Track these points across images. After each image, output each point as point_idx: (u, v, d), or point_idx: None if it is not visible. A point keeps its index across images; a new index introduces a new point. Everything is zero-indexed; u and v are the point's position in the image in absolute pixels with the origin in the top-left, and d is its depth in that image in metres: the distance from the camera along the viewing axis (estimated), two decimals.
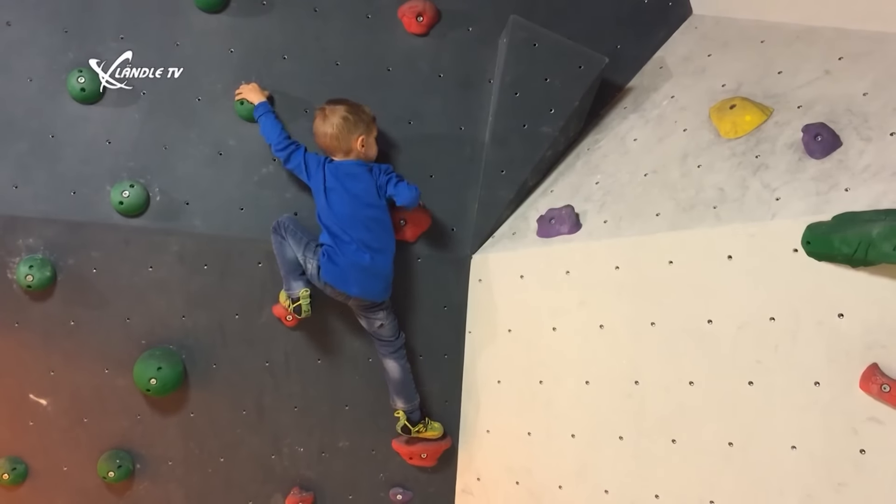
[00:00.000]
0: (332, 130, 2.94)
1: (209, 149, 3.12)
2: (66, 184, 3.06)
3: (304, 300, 2.99)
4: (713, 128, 2.73)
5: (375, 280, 2.95)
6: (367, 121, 3.00)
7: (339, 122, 2.94)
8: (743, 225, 2.38)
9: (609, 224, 2.80)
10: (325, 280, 2.92)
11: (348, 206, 2.92)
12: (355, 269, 2.91)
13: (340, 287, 2.92)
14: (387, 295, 3.04)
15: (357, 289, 2.93)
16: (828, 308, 2.19)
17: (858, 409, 2.13)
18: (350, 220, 2.91)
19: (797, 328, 2.26)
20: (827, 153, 2.32)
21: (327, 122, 2.95)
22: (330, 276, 2.91)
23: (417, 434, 3.21)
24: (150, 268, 3.12)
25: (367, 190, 2.96)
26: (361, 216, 2.93)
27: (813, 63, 2.63)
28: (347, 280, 2.91)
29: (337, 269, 2.90)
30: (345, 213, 2.91)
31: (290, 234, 2.99)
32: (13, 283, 3.06)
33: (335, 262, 2.90)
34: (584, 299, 2.84)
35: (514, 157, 3.13)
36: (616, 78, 3.29)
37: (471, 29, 3.23)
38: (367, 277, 2.93)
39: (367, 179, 2.97)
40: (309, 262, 2.94)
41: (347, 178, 2.94)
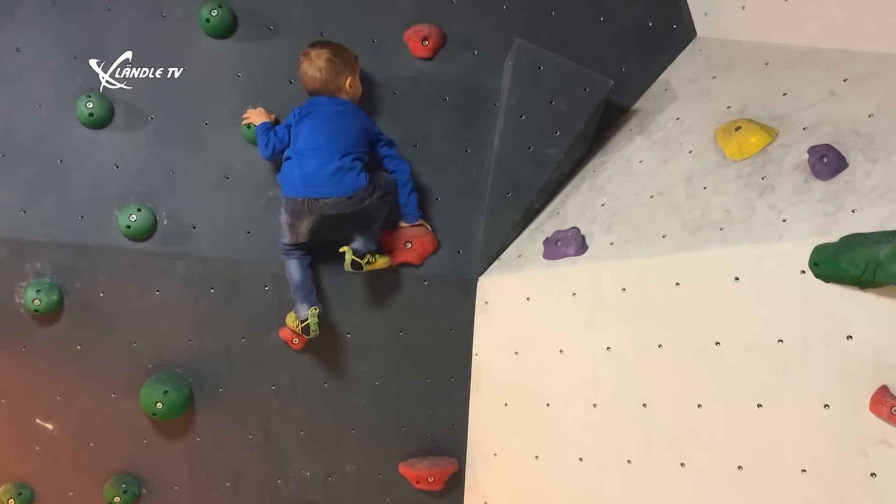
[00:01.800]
0: (321, 74, 2.93)
1: (216, 172, 3.14)
2: (73, 208, 3.07)
3: (312, 319, 2.98)
4: (719, 149, 2.73)
5: (336, 174, 2.82)
6: (352, 61, 3.01)
7: (326, 64, 2.93)
8: (750, 246, 2.38)
9: (615, 246, 2.80)
10: (290, 195, 2.84)
11: (315, 121, 2.89)
12: (306, 174, 2.83)
13: (303, 193, 2.82)
14: (359, 182, 2.84)
15: (321, 189, 2.82)
16: (836, 330, 2.18)
17: (869, 432, 2.11)
18: (311, 132, 2.87)
19: (806, 350, 2.25)
20: (833, 174, 2.32)
21: (313, 65, 2.94)
22: (290, 188, 2.84)
23: (368, 266, 3.02)
24: (156, 291, 3.12)
25: (346, 112, 2.94)
26: (325, 124, 2.88)
27: (818, 85, 2.63)
28: (308, 185, 2.82)
29: (291, 180, 2.85)
30: (308, 130, 2.87)
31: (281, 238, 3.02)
32: (21, 307, 3.07)
33: (287, 173, 2.86)
34: (591, 321, 2.83)
35: (519, 179, 3.14)
36: (621, 100, 3.30)
37: (476, 52, 3.25)
38: (328, 176, 2.81)
39: (352, 112, 2.96)
40: (280, 214, 2.95)
41: (327, 104, 2.94)
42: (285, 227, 3.00)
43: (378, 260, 3.07)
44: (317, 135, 2.86)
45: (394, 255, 3.14)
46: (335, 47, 2.98)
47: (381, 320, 3.22)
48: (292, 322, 3.04)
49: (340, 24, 3.14)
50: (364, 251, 3.03)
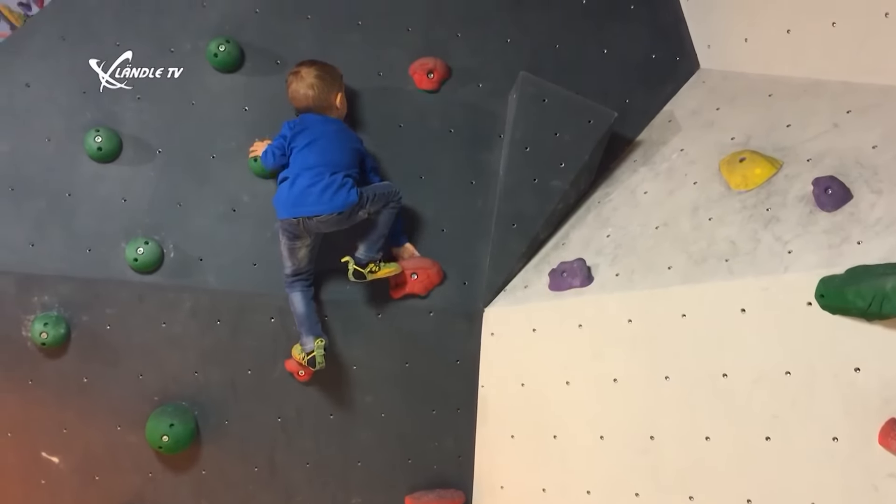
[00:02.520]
0: (313, 91, 2.98)
1: (223, 205, 3.15)
2: (81, 241, 3.09)
3: (318, 351, 2.99)
4: (723, 180, 2.74)
5: (326, 191, 2.85)
6: (339, 78, 3.06)
7: (317, 81, 2.99)
8: (756, 278, 2.38)
9: (621, 277, 2.80)
10: (286, 216, 2.88)
11: (309, 139, 2.93)
12: (299, 193, 2.87)
13: (297, 212, 2.86)
14: (351, 197, 2.87)
15: (311, 207, 2.85)
16: (844, 362, 2.17)
17: (878, 465, 2.09)
18: (305, 150, 2.91)
19: (813, 382, 2.24)
20: (838, 206, 2.33)
21: (304, 82, 2.98)
22: (283, 209, 2.88)
23: (372, 275, 3.03)
24: (163, 324, 3.13)
25: (338, 132, 2.99)
26: (317, 144, 2.92)
27: (821, 116, 2.65)
28: (301, 204, 2.86)
29: (284, 201, 2.89)
30: (302, 149, 2.91)
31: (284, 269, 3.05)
32: (28, 340, 3.08)
33: (281, 195, 2.90)
34: (598, 353, 2.82)
35: (525, 210, 3.15)
36: (625, 131, 3.32)
37: (481, 85, 3.28)
38: (318, 194, 2.85)
39: (344, 129, 3.02)
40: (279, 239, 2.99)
41: (320, 122, 2.98)
42: (285, 253, 3.02)
43: (383, 269, 3.06)
44: (310, 155, 2.90)
45: (400, 286, 3.15)
46: (322, 65, 3.04)
47: (387, 352, 3.22)
48: (298, 354, 3.04)
49: (347, 58, 3.17)
50: (366, 260, 3.03)
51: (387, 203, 3.02)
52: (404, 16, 3.27)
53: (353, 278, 3.03)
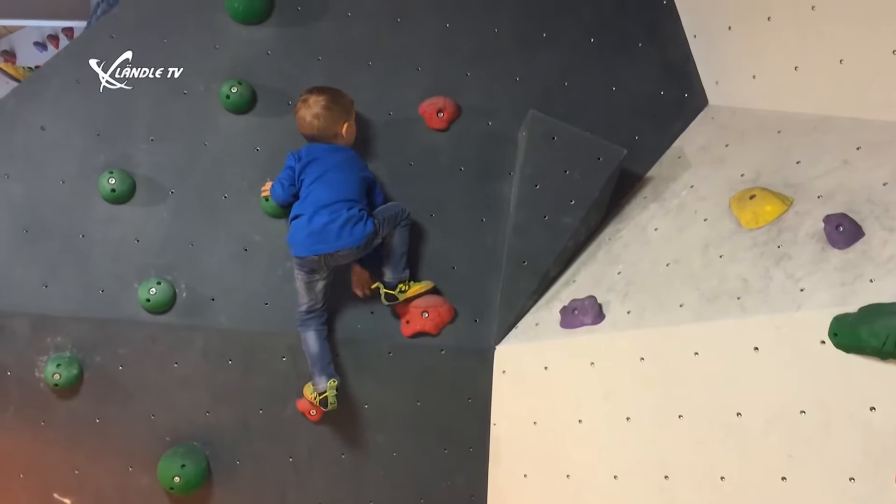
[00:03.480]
0: (318, 121, 3.01)
1: (235, 245, 3.17)
2: (94, 282, 3.11)
3: (330, 391, 2.98)
4: (734, 217, 2.74)
5: (342, 227, 2.90)
6: (348, 107, 3.09)
7: (323, 111, 3.01)
8: (768, 316, 2.36)
9: (633, 315, 2.79)
10: (300, 255, 2.94)
11: (318, 171, 2.96)
12: (317, 231, 2.90)
13: (318, 250, 2.90)
14: (367, 229, 2.93)
15: (330, 244, 2.90)
16: (859, 401, 2.15)
17: None
18: (316, 184, 2.94)
19: (829, 422, 2.22)
20: (850, 243, 2.32)
21: (311, 111, 3.01)
22: (303, 246, 2.92)
23: (403, 294, 3.08)
24: (175, 364, 3.13)
25: (346, 161, 3.01)
26: (327, 177, 2.95)
27: (831, 153, 2.65)
28: (321, 241, 2.90)
29: (302, 239, 2.92)
30: (313, 180, 2.95)
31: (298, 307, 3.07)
32: (41, 381, 3.09)
33: (298, 232, 2.93)
34: (610, 391, 2.81)
35: (535, 247, 3.15)
36: (635, 168, 3.33)
37: (490, 123, 3.30)
38: (337, 230, 2.90)
39: (351, 157, 3.04)
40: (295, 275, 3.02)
41: (328, 152, 3.01)
42: (302, 289, 3.03)
43: (413, 287, 3.10)
44: (322, 190, 2.93)
45: (410, 324, 3.15)
46: (332, 93, 3.06)
47: (399, 390, 3.21)
48: (310, 393, 3.03)
49: (357, 97, 3.19)
50: (395, 282, 3.08)
51: (397, 223, 3.06)
52: (414, 56, 3.30)
53: (386, 301, 3.09)
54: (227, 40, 3.24)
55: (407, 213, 3.11)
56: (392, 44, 3.28)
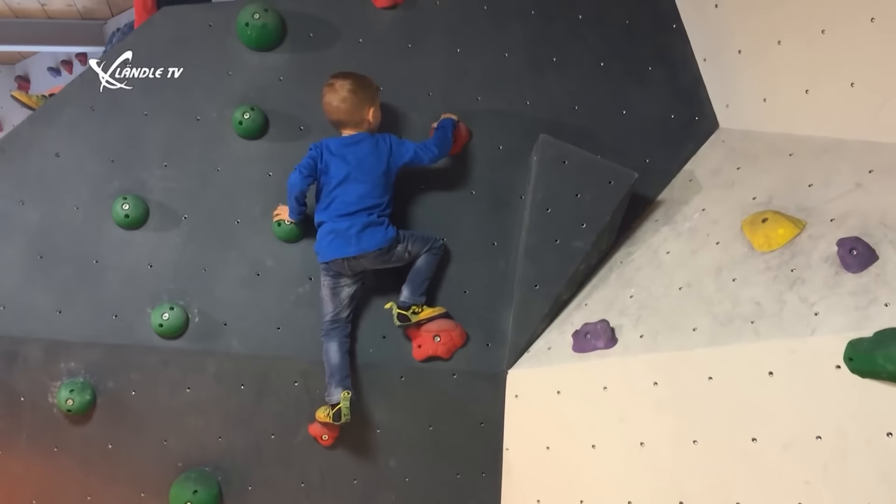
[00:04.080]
0: (345, 105, 3.02)
1: (247, 270, 3.18)
2: (108, 307, 3.12)
3: (344, 403, 2.98)
4: (746, 241, 2.73)
5: (365, 229, 2.97)
6: (374, 92, 3.11)
7: (350, 95, 3.02)
8: (782, 340, 2.35)
9: (645, 339, 2.78)
10: (325, 260, 3.00)
11: (341, 174, 2.98)
12: (340, 235, 2.97)
13: (341, 254, 2.96)
14: (389, 234, 3.00)
15: (357, 247, 2.96)
16: (876, 426, 2.14)
17: None
18: (338, 189, 2.98)
19: (845, 447, 2.20)
20: (863, 267, 2.31)
21: (337, 95, 3.02)
22: (328, 251, 2.98)
23: (416, 317, 3.08)
24: (187, 389, 3.14)
25: (369, 155, 3.02)
26: (349, 184, 2.98)
27: (843, 176, 2.64)
28: (343, 246, 2.96)
29: (330, 243, 2.98)
30: (335, 184, 2.98)
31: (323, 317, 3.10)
32: (54, 406, 3.09)
33: (325, 238, 3.00)
34: (623, 416, 2.79)
35: (547, 271, 3.15)
36: (646, 191, 3.33)
37: (501, 147, 3.31)
38: (357, 234, 2.96)
39: (375, 149, 3.04)
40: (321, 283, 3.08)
41: (351, 147, 3.03)
42: (327, 295, 3.06)
43: (426, 310, 3.11)
44: (345, 196, 2.97)
45: (422, 349, 3.14)
46: (357, 77, 3.09)
47: (411, 415, 3.20)
48: (323, 414, 3.02)
49: None
50: (410, 304, 3.09)
51: (429, 247, 3.10)
52: (425, 81, 3.32)
53: (398, 322, 3.08)
54: (240, 66, 3.27)
55: (440, 242, 3.15)
56: (403, 69, 3.31)
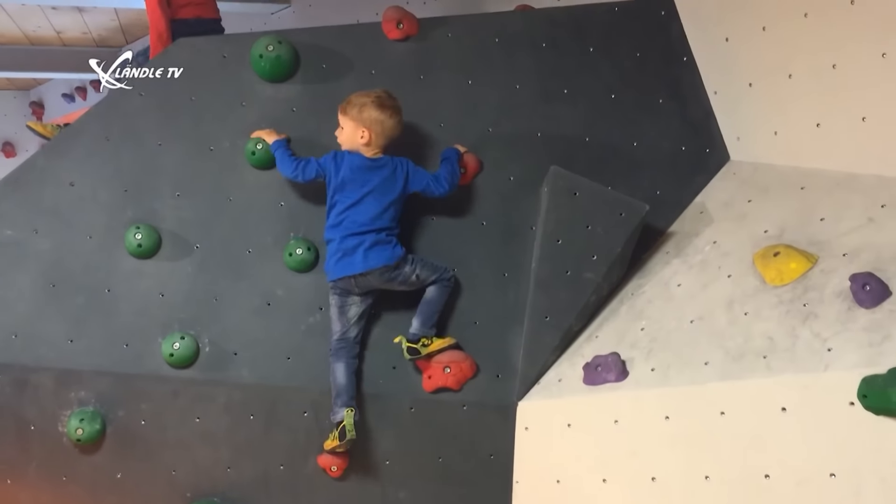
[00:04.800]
0: (398, 130, 3.09)
1: (258, 299, 3.18)
2: (119, 337, 3.12)
3: (347, 419, 2.96)
4: (758, 274, 2.73)
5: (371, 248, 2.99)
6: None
7: (400, 120, 3.08)
8: (795, 376, 2.34)
9: (657, 372, 2.77)
10: (333, 279, 3.03)
11: (356, 196, 3.01)
12: (347, 254, 3.00)
13: (348, 272, 2.99)
14: (396, 253, 3.02)
15: (363, 264, 2.98)
16: (890, 465, 2.12)
17: None
18: (350, 210, 3.01)
19: (860, 486, 2.18)
20: (877, 303, 2.30)
21: (394, 118, 3.06)
22: (336, 270, 3.01)
23: (426, 349, 3.06)
24: (197, 419, 3.13)
25: (387, 180, 3.05)
26: (363, 205, 3.01)
27: (855, 210, 2.64)
28: (350, 264, 2.99)
29: (338, 262, 3.00)
30: (348, 205, 3.01)
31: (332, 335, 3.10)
32: (63, 436, 3.09)
33: (333, 256, 3.02)
34: (635, 450, 2.77)
35: (558, 303, 3.14)
36: (657, 222, 3.33)
37: (512, 178, 3.32)
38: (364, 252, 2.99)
39: (391, 171, 3.07)
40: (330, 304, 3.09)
41: (373, 171, 3.05)
42: (335, 314, 3.07)
43: (436, 342, 3.09)
44: (356, 217, 3.00)
45: (432, 380, 3.13)
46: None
47: (420, 446, 3.19)
48: (329, 441, 3.01)
49: None
50: (420, 336, 3.07)
51: (438, 276, 3.09)
52: (436, 112, 3.33)
53: (409, 355, 3.07)
54: (254, 97, 3.29)
55: (451, 274, 3.14)
56: (415, 100, 3.32)
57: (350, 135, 3.07)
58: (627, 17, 3.51)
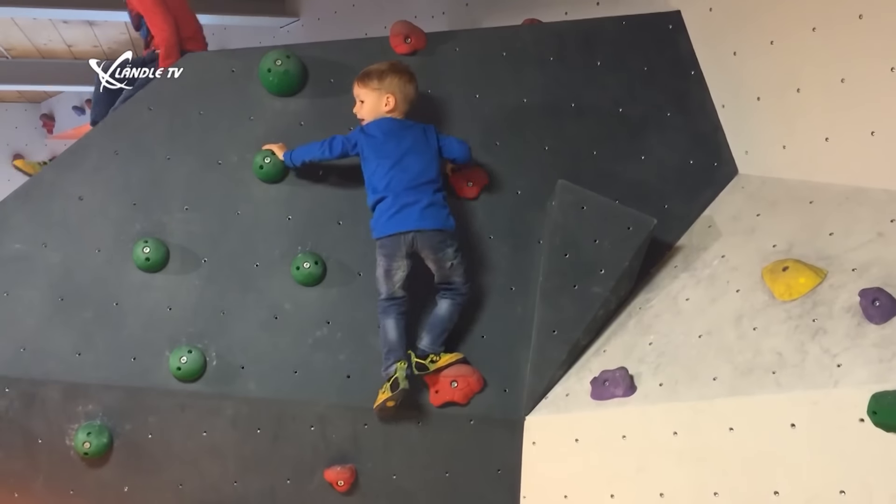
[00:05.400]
0: (416, 95, 3.15)
1: (265, 313, 3.18)
2: (127, 350, 3.12)
3: (399, 371, 2.97)
4: (767, 289, 2.72)
5: (428, 208, 3.00)
6: None
7: (417, 86, 3.15)
8: (804, 392, 2.33)
9: (665, 387, 2.75)
10: (387, 233, 2.99)
11: (394, 157, 3.03)
12: (404, 208, 2.98)
13: (402, 227, 2.97)
14: (450, 222, 3.04)
15: (419, 222, 2.98)
16: None
17: None
18: (395, 170, 3.01)
19: (870, 503, 2.16)
20: (886, 318, 2.29)
21: (412, 82, 3.12)
22: (387, 226, 2.99)
23: (433, 365, 3.05)
24: (204, 433, 3.13)
25: (422, 135, 3.11)
26: (406, 162, 3.02)
27: (864, 225, 2.63)
28: (404, 220, 2.98)
29: (391, 218, 2.99)
30: (391, 166, 3.01)
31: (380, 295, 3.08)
32: (71, 449, 3.09)
33: (385, 213, 3.00)
34: (643, 466, 2.76)
35: (565, 317, 3.14)
36: (665, 236, 3.32)
37: (519, 192, 3.32)
38: (420, 210, 2.99)
39: (421, 130, 3.13)
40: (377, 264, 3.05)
41: (406, 130, 3.09)
42: (382, 275, 3.05)
43: (443, 357, 3.08)
44: (405, 174, 3.01)
45: (440, 394, 3.13)
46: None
47: (428, 461, 3.18)
48: (382, 395, 2.99)
49: None
50: (429, 352, 3.07)
51: (461, 283, 3.10)
52: (444, 126, 3.34)
53: (417, 371, 3.06)
54: (262, 111, 3.30)
55: (468, 287, 3.13)
56: (422, 114, 3.32)
57: (374, 104, 3.11)
58: (635, 31, 3.51)
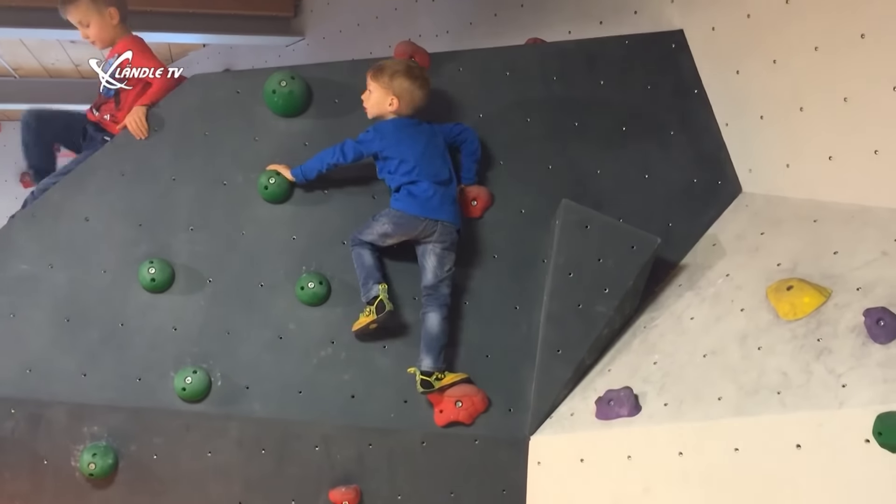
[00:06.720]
0: (425, 102, 3.16)
1: (270, 333, 3.19)
2: (132, 371, 3.13)
3: (382, 293, 3.02)
4: (771, 308, 2.71)
5: (451, 203, 3.12)
6: None
7: (428, 92, 3.17)
8: (810, 413, 2.32)
9: (670, 407, 2.74)
10: (415, 213, 3.05)
11: (419, 146, 3.09)
12: (434, 199, 3.06)
13: (428, 214, 3.05)
14: (458, 222, 3.14)
15: (441, 213, 3.07)
16: None
17: None
18: (424, 159, 3.08)
19: None
20: (891, 338, 2.28)
21: (423, 89, 3.14)
22: (417, 207, 3.05)
23: (438, 382, 3.05)
24: (209, 453, 3.12)
25: (430, 134, 3.16)
26: (427, 155, 3.10)
27: (869, 244, 2.63)
28: (437, 208, 3.06)
29: (419, 202, 3.05)
30: (417, 153, 3.08)
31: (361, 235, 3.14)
32: (76, 470, 3.09)
33: (415, 196, 3.06)
34: (649, 486, 2.75)
35: (570, 336, 3.13)
36: (669, 255, 3.32)
37: (523, 211, 3.33)
38: (444, 203, 3.09)
39: (430, 127, 3.19)
40: (380, 222, 3.09)
41: (418, 126, 3.15)
42: (378, 234, 3.10)
43: (448, 376, 3.09)
44: (430, 168, 3.10)
45: (444, 414, 3.12)
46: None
47: (432, 481, 3.17)
48: (365, 318, 3.04)
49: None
50: (433, 370, 3.06)
51: (450, 291, 3.14)
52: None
53: (422, 388, 3.07)
54: (267, 132, 3.32)
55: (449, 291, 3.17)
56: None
57: (378, 101, 3.13)
58: (638, 50, 3.53)
